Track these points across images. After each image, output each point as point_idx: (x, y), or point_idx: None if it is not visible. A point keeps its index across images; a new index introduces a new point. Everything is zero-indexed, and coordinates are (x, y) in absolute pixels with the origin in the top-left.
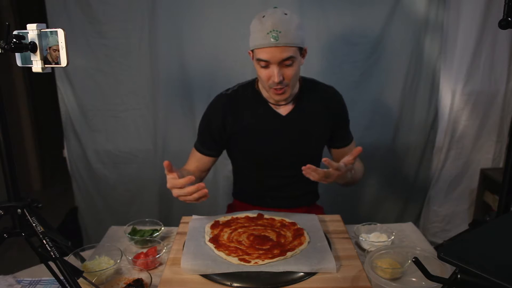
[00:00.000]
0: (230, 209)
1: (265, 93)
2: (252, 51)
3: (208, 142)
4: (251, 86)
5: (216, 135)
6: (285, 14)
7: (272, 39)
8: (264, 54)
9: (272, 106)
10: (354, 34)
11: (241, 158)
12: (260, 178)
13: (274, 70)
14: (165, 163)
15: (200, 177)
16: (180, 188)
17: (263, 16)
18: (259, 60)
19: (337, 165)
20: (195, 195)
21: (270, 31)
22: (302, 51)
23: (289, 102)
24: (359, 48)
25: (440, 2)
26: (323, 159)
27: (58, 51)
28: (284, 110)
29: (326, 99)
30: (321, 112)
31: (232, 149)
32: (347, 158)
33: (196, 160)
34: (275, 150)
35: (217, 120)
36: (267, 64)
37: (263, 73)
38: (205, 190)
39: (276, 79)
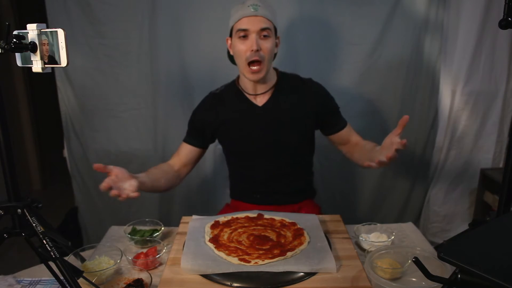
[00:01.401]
0: (228, 207)
1: (243, 84)
2: (231, 33)
3: (193, 133)
4: (233, 82)
5: (199, 127)
6: None
7: (252, 9)
8: (244, 24)
9: (249, 97)
10: (354, 34)
11: (227, 151)
12: (247, 172)
13: (252, 39)
14: (95, 166)
15: (180, 172)
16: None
17: (243, 2)
18: (239, 30)
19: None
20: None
21: (250, 5)
22: (276, 34)
23: (266, 93)
24: (359, 48)
25: (440, 2)
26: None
27: (48, 44)
28: (260, 101)
29: (302, 90)
30: (298, 104)
31: (220, 143)
32: (396, 131)
33: (184, 149)
34: (254, 141)
35: (200, 114)
36: (246, 35)
37: (241, 47)
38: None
39: (254, 46)
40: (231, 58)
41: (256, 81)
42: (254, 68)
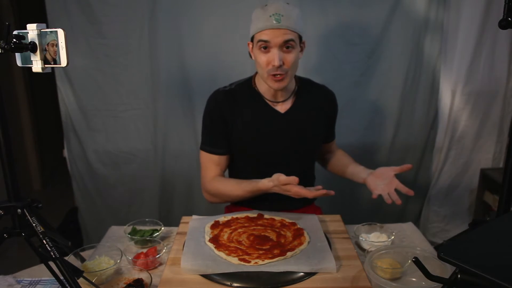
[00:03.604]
0: (228, 210)
1: (262, 89)
2: (252, 39)
3: (216, 140)
4: (248, 83)
5: (220, 129)
6: (287, 3)
7: (274, 21)
8: (265, 35)
9: (270, 103)
10: (354, 34)
11: (239, 158)
12: (258, 178)
13: (274, 53)
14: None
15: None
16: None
17: (265, 5)
18: (260, 42)
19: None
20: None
21: (273, 14)
22: (301, 42)
23: (287, 99)
24: (359, 48)
25: (440, 2)
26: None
27: (56, 45)
28: (282, 108)
29: (322, 98)
30: (316, 110)
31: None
32: (395, 169)
33: (214, 162)
34: (274, 148)
35: (218, 115)
36: (267, 46)
37: (262, 59)
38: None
39: (276, 63)
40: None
41: (279, 89)
42: (277, 77)
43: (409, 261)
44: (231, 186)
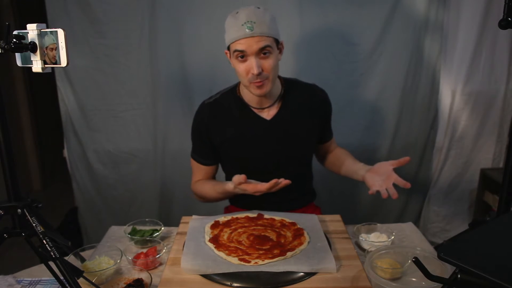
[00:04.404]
0: (228, 211)
1: (246, 97)
2: (229, 49)
3: (204, 152)
4: (233, 92)
5: (207, 143)
6: (258, 8)
7: (247, 30)
8: (240, 45)
9: (255, 111)
10: (354, 34)
11: (231, 166)
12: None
13: (252, 61)
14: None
15: None
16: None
17: (237, 12)
18: (236, 52)
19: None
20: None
21: (245, 22)
22: (278, 44)
23: (273, 105)
24: (359, 48)
25: (440, 2)
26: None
27: (55, 49)
28: (268, 114)
29: (311, 98)
30: (306, 112)
31: (221, 158)
32: (393, 163)
33: (201, 170)
34: (263, 156)
35: (203, 130)
36: (244, 55)
37: (241, 68)
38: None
39: (255, 71)
40: None
41: (262, 95)
42: (258, 84)
43: (409, 261)
44: (207, 189)
